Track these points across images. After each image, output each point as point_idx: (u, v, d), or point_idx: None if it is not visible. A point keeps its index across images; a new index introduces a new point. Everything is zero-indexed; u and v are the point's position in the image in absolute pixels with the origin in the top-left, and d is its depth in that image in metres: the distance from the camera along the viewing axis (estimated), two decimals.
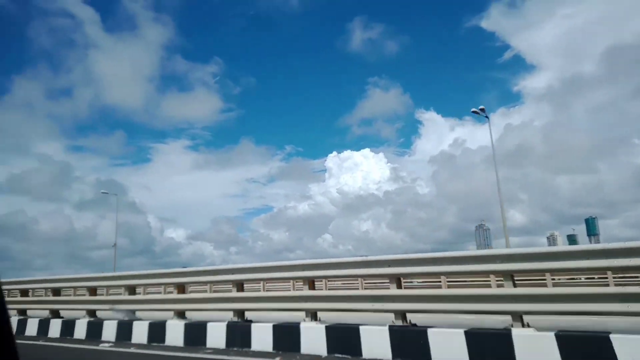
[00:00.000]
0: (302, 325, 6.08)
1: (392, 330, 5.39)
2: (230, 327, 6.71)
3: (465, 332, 4.90)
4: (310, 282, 6.50)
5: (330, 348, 5.75)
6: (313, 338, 5.90)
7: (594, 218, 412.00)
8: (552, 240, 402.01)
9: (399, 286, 5.78)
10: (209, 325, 6.90)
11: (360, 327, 5.60)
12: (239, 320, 6.92)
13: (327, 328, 5.87)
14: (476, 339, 4.84)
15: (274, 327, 6.26)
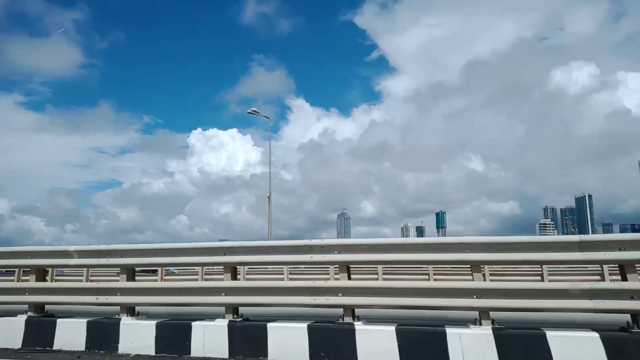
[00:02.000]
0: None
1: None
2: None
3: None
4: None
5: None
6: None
7: (443, 212, 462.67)
8: (405, 231, 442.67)
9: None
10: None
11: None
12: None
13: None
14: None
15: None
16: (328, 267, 13.13)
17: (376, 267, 12.81)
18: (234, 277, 5.27)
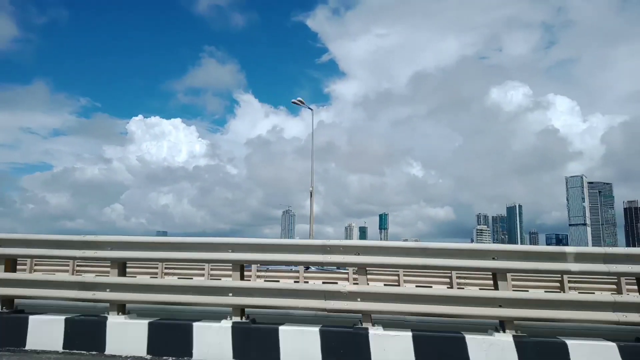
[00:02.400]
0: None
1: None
2: None
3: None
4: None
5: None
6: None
7: (386, 214, 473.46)
8: (349, 231, 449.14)
9: None
10: None
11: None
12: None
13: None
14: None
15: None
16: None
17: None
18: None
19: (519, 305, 4.35)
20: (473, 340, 4.22)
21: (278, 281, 13.06)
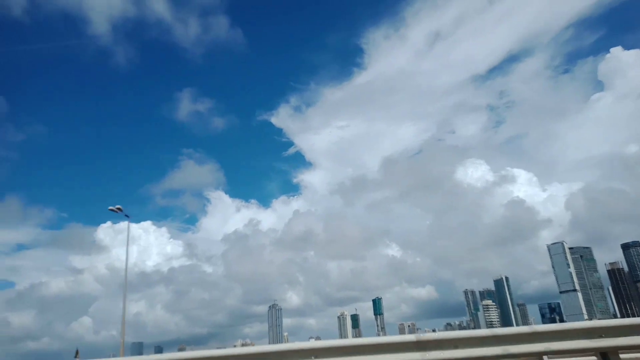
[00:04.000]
0: None
1: None
2: None
3: None
4: None
5: None
6: None
7: (380, 299, 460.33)
8: (342, 320, 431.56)
9: None
10: None
11: None
12: None
13: None
14: None
15: None
16: None
17: None
18: None
19: None
20: None
21: None
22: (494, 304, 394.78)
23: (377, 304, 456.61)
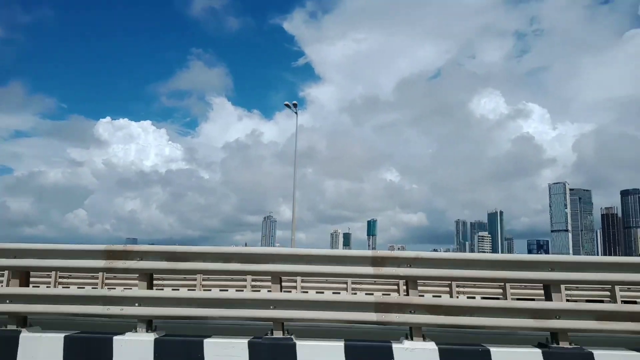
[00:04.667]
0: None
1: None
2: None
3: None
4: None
5: None
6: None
7: (375, 220, 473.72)
8: (334, 237, 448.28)
9: None
10: None
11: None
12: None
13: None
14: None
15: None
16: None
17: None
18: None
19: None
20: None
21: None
22: (489, 235, 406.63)
23: (371, 225, 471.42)
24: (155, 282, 5.09)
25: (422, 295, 4.79)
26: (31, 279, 5.20)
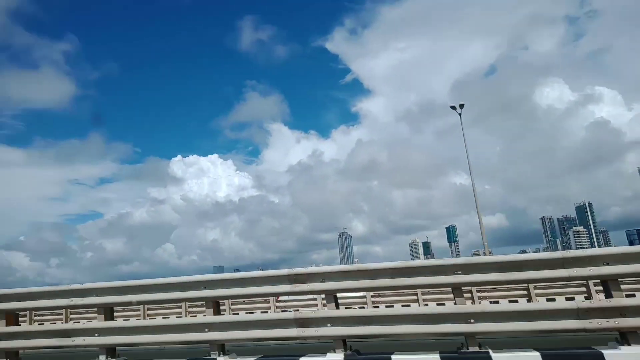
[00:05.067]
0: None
1: None
2: None
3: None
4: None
5: None
6: None
7: (454, 226, 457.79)
8: (413, 247, 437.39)
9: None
10: None
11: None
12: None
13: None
14: None
15: None
16: None
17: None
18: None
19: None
20: None
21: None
22: (585, 229, 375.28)
23: (451, 231, 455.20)
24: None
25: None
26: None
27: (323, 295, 4.88)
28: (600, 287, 5.21)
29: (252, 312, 13.80)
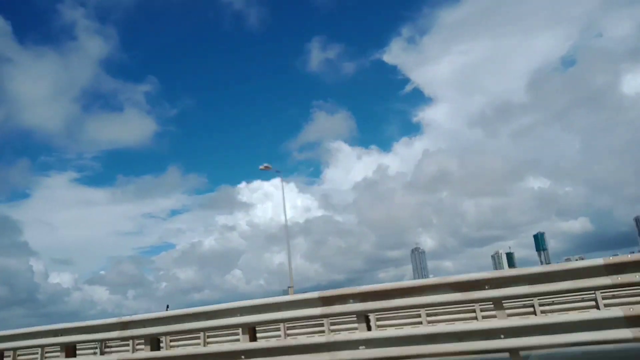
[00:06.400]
0: None
1: None
2: None
3: None
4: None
5: None
6: None
7: (542, 233, 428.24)
8: (497, 259, 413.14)
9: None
10: None
11: None
12: None
13: None
14: None
15: None
16: None
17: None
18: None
19: None
20: None
21: None
22: None
23: (539, 239, 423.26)
24: None
25: None
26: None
27: None
28: None
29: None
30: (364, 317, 4.54)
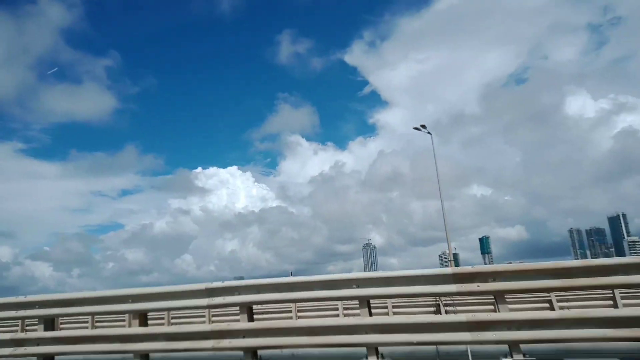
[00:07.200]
0: None
1: None
2: None
3: None
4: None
5: None
6: None
7: (488, 237, 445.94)
8: (443, 259, 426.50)
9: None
10: None
11: None
12: None
13: None
14: None
15: None
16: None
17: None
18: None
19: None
20: None
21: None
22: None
23: (484, 242, 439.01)
24: None
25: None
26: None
27: None
28: None
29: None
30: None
